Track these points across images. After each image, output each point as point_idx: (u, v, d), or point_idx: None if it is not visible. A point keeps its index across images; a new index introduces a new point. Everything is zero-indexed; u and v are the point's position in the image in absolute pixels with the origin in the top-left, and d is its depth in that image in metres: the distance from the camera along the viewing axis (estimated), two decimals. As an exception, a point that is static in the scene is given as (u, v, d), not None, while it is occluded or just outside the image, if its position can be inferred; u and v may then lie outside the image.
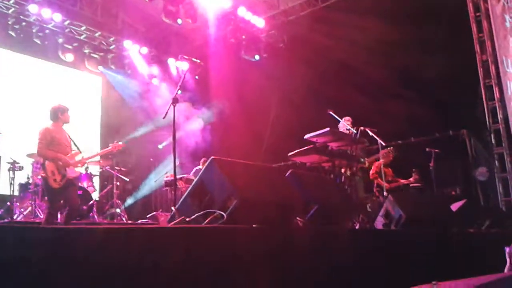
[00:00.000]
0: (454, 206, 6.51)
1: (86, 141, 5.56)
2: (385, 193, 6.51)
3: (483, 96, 8.39)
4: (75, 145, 6.09)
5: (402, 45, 8.28)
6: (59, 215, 6.04)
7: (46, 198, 8.11)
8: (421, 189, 8.04)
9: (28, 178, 8.13)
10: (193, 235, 2.82)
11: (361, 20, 8.42)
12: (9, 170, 7.58)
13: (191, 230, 2.97)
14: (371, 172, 7.95)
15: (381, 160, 8.03)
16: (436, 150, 7.74)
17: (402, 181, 8.28)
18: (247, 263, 2.87)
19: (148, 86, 11.87)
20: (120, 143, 6.73)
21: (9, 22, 9.77)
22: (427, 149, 7.79)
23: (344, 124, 6.85)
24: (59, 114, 5.92)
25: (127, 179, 9.80)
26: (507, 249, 3.86)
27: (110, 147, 6.61)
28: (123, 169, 9.64)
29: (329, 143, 6.16)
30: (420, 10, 8.27)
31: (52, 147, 5.74)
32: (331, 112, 6.59)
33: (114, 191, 8.71)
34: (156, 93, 11.52)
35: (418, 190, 8.05)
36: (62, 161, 5.74)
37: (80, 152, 6.10)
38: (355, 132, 6.38)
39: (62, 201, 5.83)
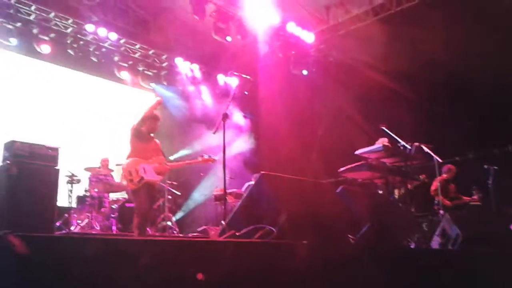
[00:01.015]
0: (514, 226, 6.18)
1: None
2: (441, 212, 6.26)
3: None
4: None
5: (458, 56, 8.00)
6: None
7: (101, 210, 8.43)
8: (480, 207, 7.71)
9: (85, 191, 8.45)
10: (243, 249, 2.81)
11: (414, 30, 8.22)
12: (67, 183, 7.91)
13: (241, 244, 2.96)
14: (432, 188, 7.71)
15: (444, 175, 7.78)
16: (495, 167, 7.41)
17: (466, 198, 7.99)
18: (295, 279, 2.82)
19: (198, 102, 12.10)
20: (211, 157, 6.39)
21: (68, 41, 10.27)
22: (485, 166, 7.47)
23: (398, 140, 6.67)
24: (146, 121, 5.94)
25: (179, 193, 9.96)
26: None
27: (200, 159, 6.36)
28: (174, 183, 9.80)
29: (382, 159, 6.01)
30: (483, 16, 7.93)
31: (137, 150, 5.76)
32: (383, 128, 6.44)
33: (166, 204, 8.86)
34: (206, 108, 11.72)
35: (476, 208, 7.72)
36: (140, 162, 5.64)
37: (166, 162, 5.99)
38: (409, 148, 6.19)
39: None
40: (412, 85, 8.56)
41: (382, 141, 6.55)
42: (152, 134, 6.03)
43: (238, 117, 11.22)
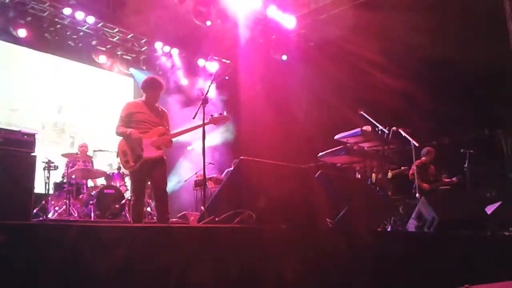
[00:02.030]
0: (489, 209, 6.34)
1: (116, 143, 5.43)
2: (417, 195, 6.38)
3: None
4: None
5: (435, 42, 8.09)
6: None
7: (80, 196, 8.35)
8: (455, 191, 7.87)
9: (62, 177, 8.35)
10: (222, 234, 2.83)
11: (394, 16, 8.26)
12: (44, 169, 7.80)
13: (220, 229, 2.97)
14: (410, 172, 7.83)
15: (423, 158, 7.90)
16: (471, 151, 7.56)
17: (446, 180, 8.13)
18: (275, 264, 2.85)
19: (178, 87, 11.99)
20: (222, 114, 5.54)
21: (44, 25, 10.04)
22: (461, 150, 7.62)
23: (377, 124, 6.74)
24: (146, 88, 5.42)
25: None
26: None
27: (209, 119, 5.34)
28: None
29: (360, 143, 6.08)
30: (458, 4, 8.03)
31: (129, 124, 5.21)
32: (362, 113, 6.50)
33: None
34: (186, 94, 11.62)
35: (452, 192, 7.88)
36: (133, 137, 5.09)
37: (168, 131, 5.41)
38: (387, 132, 6.27)
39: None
40: (391, 70, 8.63)
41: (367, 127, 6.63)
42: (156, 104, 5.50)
43: (218, 101, 11.18)
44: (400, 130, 6.39)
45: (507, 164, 8.39)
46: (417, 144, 6.37)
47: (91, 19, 10.18)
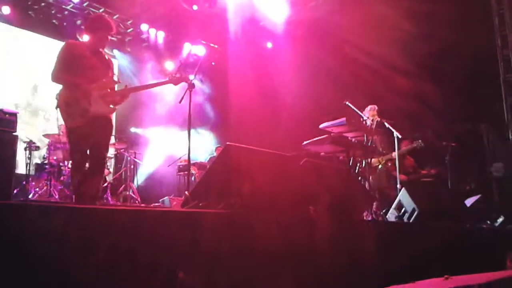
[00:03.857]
0: (469, 201, 6.46)
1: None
2: (398, 186, 6.46)
3: (503, 91, 8.24)
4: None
5: (423, 34, 8.14)
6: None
7: (61, 178, 8.25)
8: (436, 183, 7.97)
9: (43, 158, 8.24)
10: (206, 219, 2.83)
11: (381, 5, 8.28)
12: (25, 149, 7.69)
13: (204, 214, 2.97)
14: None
15: (402, 150, 7.93)
16: (453, 144, 7.66)
17: (423, 172, 8.21)
18: (258, 250, 2.87)
19: (164, 70, 11.86)
20: (184, 75, 4.83)
21: (29, 3, 9.82)
22: (443, 143, 7.71)
23: (362, 115, 6.77)
24: (92, 29, 4.51)
25: (141, 162, 9.86)
26: None
27: (167, 78, 4.75)
28: (137, 152, 9.69)
29: (345, 133, 6.12)
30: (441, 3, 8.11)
31: (72, 70, 4.29)
32: (347, 103, 6.53)
33: (128, 174, 8.78)
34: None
35: (433, 184, 7.99)
36: (79, 86, 4.23)
37: (119, 82, 4.63)
38: (371, 123, 6.32)
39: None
40: (379, 61, 8.66)
41: (372, 108, 6.64)
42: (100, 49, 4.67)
43: (204, 86, 11.13)
44: (384, 121, 6.45)
45: (487, 158, 8.54)
46: (399, 136, 6.43)
47: (76, -2, 10.00)
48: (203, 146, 10.98)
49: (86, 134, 4.25)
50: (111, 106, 4.42)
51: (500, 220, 6.58)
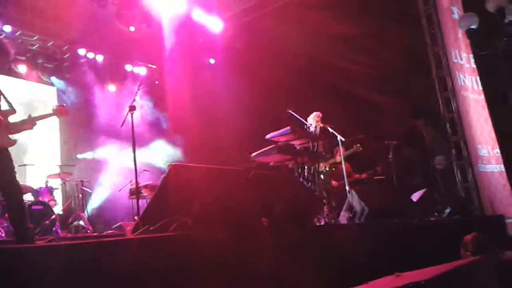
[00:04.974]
0: (415, 196, 6.69)
1: (45, 156, 5.01)
2: (347, 188, 6.62)
3: (437, 87, 8.62)
4: (8, 103, 4.32)
5: (357, 38, 8.46)
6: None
7: (6, 215, 7.87)
8: (382, 181, 8.22)
9: (-15, 196, 7.85)
10: (157, 243, 2.80)
11: (315, 16, 8.53)
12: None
13: (154, 239, 2.94)
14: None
15: (337, 157, 8.02)
16: (394, 142, 7.95)
17: (356, 175, 8.40)
18: (210, 269, 2.87)
19: (105, 94, 11.62)
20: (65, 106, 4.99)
21: (-43, 36, 9.39)
22: (385, 142, 7.98)
23: (305, 122, 6.90)
24: None
25: (90, 191, 9.59)
26: None
27: (52, 111, 4.73)
28: (85, 180, 9.42)
29: (291, 141, 6.22)
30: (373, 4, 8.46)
31: None
32: (290, 111, 6.65)
33: (77, 203, 8.52)
34: (114, 101, 11.29)
35: (380, 182, 8.23)
36: None
37: (14, 112, 4.33)
38: (314, 129, 6.48)
39: None
40: (317, 69, 8.89)
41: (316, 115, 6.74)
42: None
43: (146, 107, 11.00)
44: (327, 126, 6.62)
45: (428, 152, 8.90)
46: (343, 139, 6.61)
47: (8, 28, 9.64)
48: (167, 156, 10.76)
49: None
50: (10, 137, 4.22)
51: (447, 211, 6.82)
